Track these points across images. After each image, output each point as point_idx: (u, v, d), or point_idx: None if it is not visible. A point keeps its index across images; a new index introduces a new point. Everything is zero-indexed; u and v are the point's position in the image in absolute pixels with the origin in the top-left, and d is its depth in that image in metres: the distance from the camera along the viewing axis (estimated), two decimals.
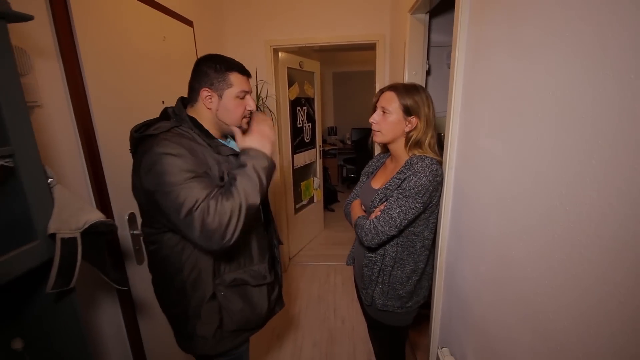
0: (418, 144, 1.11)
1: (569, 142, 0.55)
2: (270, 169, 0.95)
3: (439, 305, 1.23)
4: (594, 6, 0.50)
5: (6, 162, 0.65)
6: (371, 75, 2.57)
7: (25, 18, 0.67)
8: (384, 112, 1.11)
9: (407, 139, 1.11)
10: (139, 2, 1.40)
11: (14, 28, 0.81)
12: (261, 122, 1.01)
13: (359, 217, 1.16)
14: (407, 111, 1.08)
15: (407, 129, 1.10)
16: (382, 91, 1.14)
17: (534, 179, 0.65)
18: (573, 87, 0.54)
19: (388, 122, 1.10)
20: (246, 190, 0.87)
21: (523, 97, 0.69)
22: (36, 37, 0.96)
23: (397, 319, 1.21)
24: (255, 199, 0.89)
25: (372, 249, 1.16)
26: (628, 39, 0.44)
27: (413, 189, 1.03)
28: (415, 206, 1.04)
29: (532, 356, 0.67)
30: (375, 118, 1.13)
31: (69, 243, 0.75)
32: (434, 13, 1.75)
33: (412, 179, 1.03)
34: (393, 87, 1.11)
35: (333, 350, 2.03)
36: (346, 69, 5.47)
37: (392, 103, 1.09)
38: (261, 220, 1.14)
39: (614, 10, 0.46)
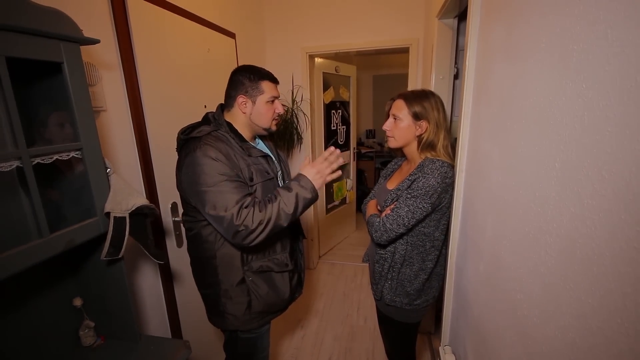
0: (431, 146, 1.15)
1: (544, 145, 0.58)
2: (311, 202, 1.07)
3: (449, 306, 1.25)
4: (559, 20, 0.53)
5: (76, 154, 0.84)
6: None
7: (94, 42, 0.85)
8: (395, 119, 1.17)
9: (419, 142, 1.16)
10: (188, 20, 1.61)
11: (86, 48, 1.02)
12: (324, 161, 1.11)
13: (371, 215, 1.22)
14: (416, 116, 1.13)
15: (417, 133, 1.15)
16: (393, 99, 1.20)
17: (518, 180, 0.68)
18: (545, 94, 0.58)
19: (399, 128, 1.16)
20: (280, 212, 1.01)
21: (512, 104, 0.72)
22: (104, 54, 1.18)
23: (405, 316, 1.25)
24: (284, 222, 1.02)
25: (383, 246, 1.22)
26: (582, 52, 0.48)
27: (421, 190, 1.07)
28: (423, 206, 1.08)
29: (512, 353, 0.70)
30: (388, 125, 1.20)
31: (119, 221, 0.93)
32: (464, 16, 1.74)
33: (421, 180, 1.08)
34: (403, 95, 1.17)
35: (353, 346, 2.09)
36: (386, 72, 5.45)
37: (402, 110, 1.15)
38: None
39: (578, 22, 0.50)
